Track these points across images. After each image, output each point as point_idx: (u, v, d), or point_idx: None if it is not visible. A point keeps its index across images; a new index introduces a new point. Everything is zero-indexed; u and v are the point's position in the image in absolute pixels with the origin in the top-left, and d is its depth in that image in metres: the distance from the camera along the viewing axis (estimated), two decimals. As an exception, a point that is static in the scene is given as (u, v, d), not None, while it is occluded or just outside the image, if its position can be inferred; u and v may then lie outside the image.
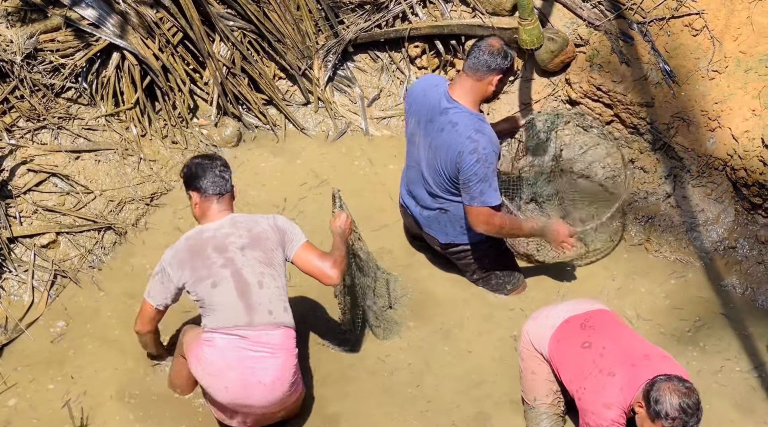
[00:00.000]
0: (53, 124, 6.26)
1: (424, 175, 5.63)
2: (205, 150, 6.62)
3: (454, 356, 5.65)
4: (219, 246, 4.91)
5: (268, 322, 4.89)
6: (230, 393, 4.88)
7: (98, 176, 6.24)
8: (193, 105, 6.74)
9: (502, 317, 5.86)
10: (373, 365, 5.60)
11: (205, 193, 4.98)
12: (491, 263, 5.90)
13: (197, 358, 4.92)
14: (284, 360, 4.91)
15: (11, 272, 5.74)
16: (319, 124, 6.92)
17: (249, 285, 4.89)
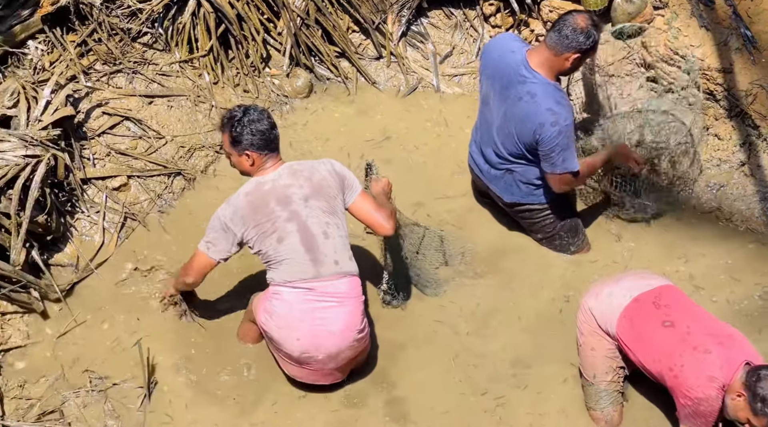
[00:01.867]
0: (128, 68, 6.34)
1: (494, 137, 5.61)
2: (277, 100, 6.65)
3: (508, 315, 5.65)
4: (281, 199, 4.89)
5: (335, 272, 4.92)
6: (302, 344, 4.93)
7: (170, 122, 6.31)
8: (266, 55, 6.76)
9: (560, 277, 5.84)
10: (428, 319, 5.64)
11: (259, 149, 4.92)
12: (556, 223, 5.87)
13: (268, 312, 4.97)
14: (352, 308, 4.96)
15: (83, 213, 5.84)
16: (390, 78, 6.90)
17: (315, 237, 4.90)
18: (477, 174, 5.90)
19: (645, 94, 6.49)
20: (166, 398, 5.21)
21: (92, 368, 5.26)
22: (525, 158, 5.56)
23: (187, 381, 5.29)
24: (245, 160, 4.93)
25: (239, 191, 4.93)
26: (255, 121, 4.88)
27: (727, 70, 6.15)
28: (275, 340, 5.01)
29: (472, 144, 5.88)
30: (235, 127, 4.89)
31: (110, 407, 5.12)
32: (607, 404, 5.10)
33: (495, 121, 5.56)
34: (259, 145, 4.89)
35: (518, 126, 5.42)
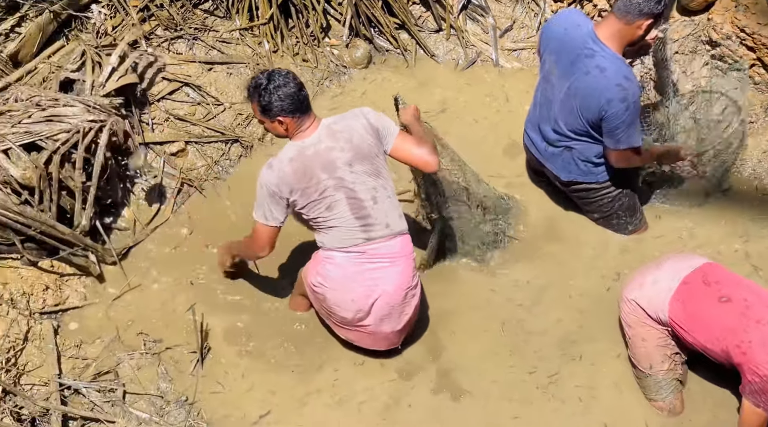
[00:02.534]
0: (189, 34, 6.37)
1: (555, 114, 5.54)
2: (336, 70, 6.64)
3: (560, 291, 5.64)
4: (326, 165, 4.82)
5: (386, 234, 4.93)
6: (356, 304, 4.97)
7: (229, 89, 6.33)
8: (326, 24, 6.75)
9: (614, 257, 5.79)
10: (482, 288, 5.65)
11: (290, 113, 4.81)
12: (614, 203, 5.80)
13: (321, 275, 4.98)
14: (404, 267, 4.97)
15: (141, 178, 5.89)
16: (449, 51, 6.86)
17: (364, 203, 4.88)
18: (533, 153, 5.84)
19: (709, 72, 6.39)
20: (219, 364, 5.26)
21: (146, 331, 5.32)
22: (587, 135, 5.48)
23: (240, 349, 5.33)
24: (279, 126, 4.84)
25: (281, 156, 4.83)
26: (281, 86, 4.76)
27: (795, 50, 6.04)
28: (329, 303, 5.03)
29: (528, 122, 5.82)
30: (263, 96, 4.78)
31: (163, 370, 5.17)
32: (668, 393, 5.05)
33: (557, 97, 5.50)
34: (290, 109, 4.77)
35: (584, 101, 5.34)
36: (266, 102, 4.76)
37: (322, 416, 5.10)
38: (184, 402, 5.03)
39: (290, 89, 4.75)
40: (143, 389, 5.05)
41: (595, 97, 5.27)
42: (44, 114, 5.41)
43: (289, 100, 4.74)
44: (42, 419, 4.73)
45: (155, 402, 5.01)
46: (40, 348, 5.03)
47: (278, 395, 5.17)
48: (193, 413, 5.00)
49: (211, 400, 5.10)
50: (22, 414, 4.70)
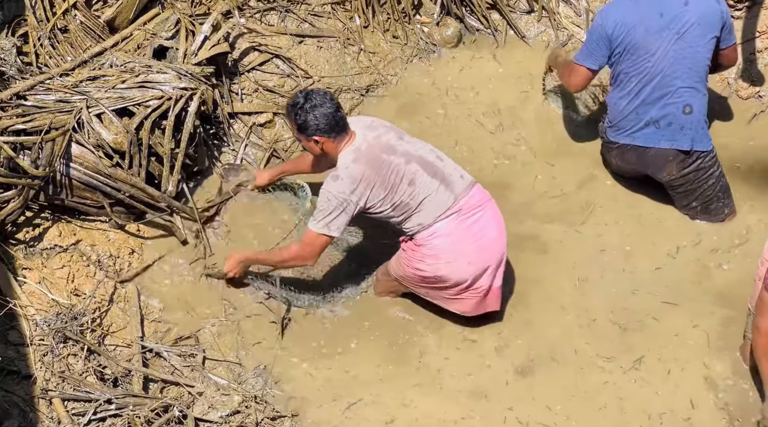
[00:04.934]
0: (282, 6, 6.41)
1: (673, 78, 5.54)
2: (425, 48, 6.62)
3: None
4: (386, 148, 4.99)
5: (465, 185, 5.07)
6: (474, 264, 5.08)
7: (318, 62, 6.36)
8: (417, 1, 6.73)
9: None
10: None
11: (326, 133, 4.95)
12: (720, 177, 5.75)
13: (430, 256, 5.06)
14: (493, 206, 5.17)
15: (229, 147, 5.96)
16: (540, 33, 6.81)
17: (434, 164, 5.04)
18: (649, 144, 5.68)
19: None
20: (299, 337, 5.32)
21: (226, 298, 5.39)
22: (708, 71, 5.62)
23: (321, 326, 5.40)
24: (315, 145, 5.00)
25: (342, 166, 4.95)
26: (318, 106, 4.92)
27: None
28: (444, 277, 5.10)
29: (632, 121, 5.68)
30: (299, 115, 4.95)
31: (242, 338, 5.25)
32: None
33: (667, 59, 5.51)
34: (325, 129, 4.93)
35: (705, 23, 5.49)
36: (302, 121, 4.95)
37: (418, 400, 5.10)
38: (262, 370, 5.10)
39: (327, 109, 4.92)
40: (222, 355, 5.13)
41: (711, 9, 5.49)
42: (137, 80, 5.50)
43: (325, 119, 4.91)
44: (124, 380, 4.83)
45: (234, 369, 5.09)
46: (125, 311, 5.14)
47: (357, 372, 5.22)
48: (271, 381, 5.07)
49: (288, 370, 5.16)
50: (105, 373, 4.81)
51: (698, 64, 5.54)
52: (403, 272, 5.22)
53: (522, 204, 5.95)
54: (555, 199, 5.99)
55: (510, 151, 6.22)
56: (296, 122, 4.99)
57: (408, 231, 5.10)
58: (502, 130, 6.30)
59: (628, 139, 5.72)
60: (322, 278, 5.58)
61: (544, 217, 5.91)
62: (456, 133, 6.28)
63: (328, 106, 4.94)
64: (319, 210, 4.98)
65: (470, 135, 6.27)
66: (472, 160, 6.09)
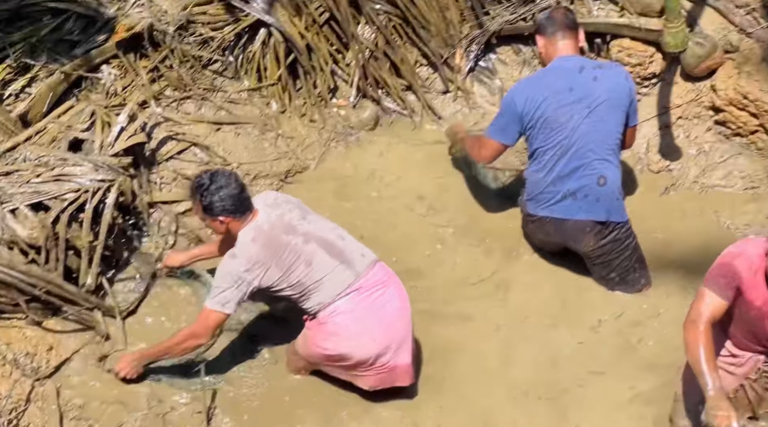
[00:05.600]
0: (198, 95, 6.44)
1: (589, 149, 5.63)
2: (343, 131, 6.69)
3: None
4: (287, 229, 5.02)
5: (367, 264, 5.09)
6: (378, 340, 5.07)
7: (236, 149, 6.38)
8: (334, 85, 6.82)
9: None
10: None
11: (232, 213, 5.01)
12: (636, 248, 5.84)
13: (332, 334, 5.06)
14: (396, 283, 5.20)
15: (149, 236, 5.93)
16: (456, 113, 6.91)
17: (334, 243, 5.07)
18: (566, 216, 5.75)
19: (713, 137, 6.44)
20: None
21: (151, 391, 5.31)
22: (618, 152, 5.75)
23: (247, 411, 5.34)
24: (219, 225, 5.06)
25: (241, 244, 4.99)
26: (223, 187, 4.97)
27: (798, 116, 6.09)
28: (348, 355, 5.09)
29: (549, 188, 5.75)
30: (205, 196, 5.00)
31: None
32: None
33: (579, 132, 5.60)
34: (231, 209, 4.99)
35: (613, 96, 5.63)
36: (208, 202, 4.99)
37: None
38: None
39: (232, 190, 4.98)
40: (146, 450, 5.06)
41: (617, 80, 5.66)
42: (52, 174, 5.48)
43: (231, 200, 4.97)
44: (44, 481, 4.73)
45: (160, 465, 5.01)
46: (43, 409, 5.03)
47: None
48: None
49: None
50: (24, 476, 4.71)
51: (610, 138, 5.67)
52: (309, 351, 5.22)
53: (448, 283, 5.98)
54: (480, 277, 6.02)
55: (441, 234, 6.24)
56: (202, 204, 5.02)
57: (310, 310, 5.11)
58: (434, 213, 6.35)
59: (547, 212, 5.81)
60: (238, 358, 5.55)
61: (469, 296, 5.93)
62: (391, 216, 6.32)
63: (233, 186, 4.98)
64: (215, 287, 5.01)
65: (405, 219, 6.31)
66: (408, 247, 6.10)
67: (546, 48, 5.76)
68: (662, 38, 6.06)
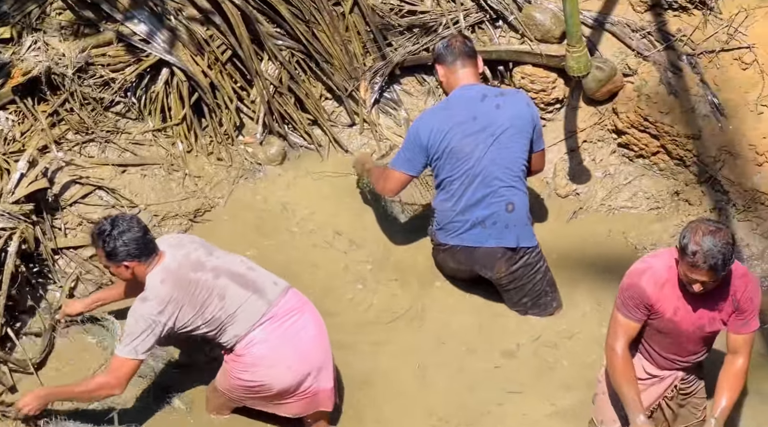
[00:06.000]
0: (101, 137, 6.33)
1: (492, 178, 5.66)
2: (250, 168, 6.64)
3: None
4: (195, 266, 4.96)
5: (279, 292, 5.06)
6: (294, 368, 5.02)
7: (143, 190, 6.29)
8: (240, 123, 6.77)
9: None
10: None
11: (136, 258, 4.92)
12: (547, 271, 5.90)
13: (250, 364, 5.00)
14: (311, 309, 5.15)
15: (55, 283, 5.79)
16: (363, 145, 6.91)
17: (245, 275, 5.03)
18: (476, 243, 5.78)
19: (617, 159, 6.56)
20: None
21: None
22: (525, 174, 5.78)
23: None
24: (124, 271, 4.95)
25: (151, 287, 4.89)
26: (126, 232, 4.87)
27: (696, 137, 6.23)
28: (267, 385, 5.03)
29: (458, 217, 5.76)
30: (107, 242, 4.89)
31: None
32: None
33: (485, 158, 5.64)
34: (135, 253, 4.90)
35: (517, 125, 5.67)
36: (111, 248, 4.88)
37: None
38: None
39: (135, 234, 4.89)
40: None
41: (522, 111, 5.71)
42: (-49, 224, 5.33)
43: (135, 244, 4.88)
44: None
45: None
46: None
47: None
48: None
49: None
50: None
51: (515, 165, 5.72)
52: (228, 385, 5.15)
53: (367, 317, 5.98)
54: (395, 313, 6.01)
55: (361, 272, 6.22)
56: (104, 250, 4.90)
57: (226, 344, 5.04)
58: (354, 248, 6.33)
59: (457, 241, 5.83)
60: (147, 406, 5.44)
61: (385, 326, 5.93)
62: (314, 253, 6.28)
63: (136, 230, 4.89)
64: (127, 334, 4.89)
65: (326, 256, 6.27)
66: (331, 289, 6.07)
67: (447, 77, 5.80)
68: (565, 63, 6.16)
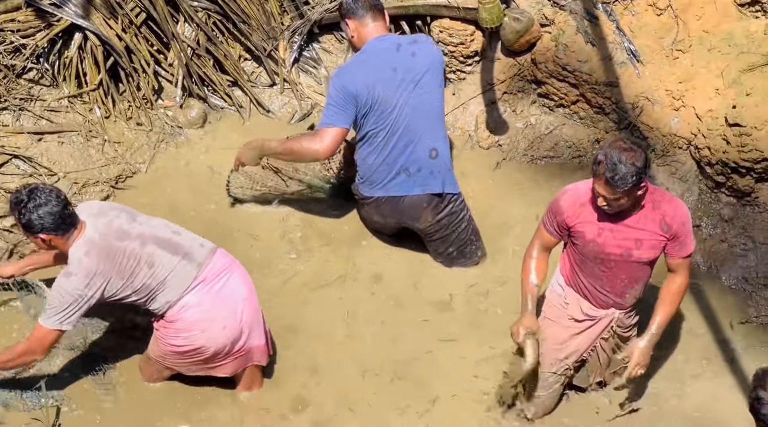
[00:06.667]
0: (15, 105, 6.18)
1: (415, 126, 5.67)
2: (171, 131, 6.56)
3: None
4: (120, 235, 4.84)
5: (206, 253, 5.00)
6: (229, 328, 5.00)
7: (62, 158, 6.16)
8: (158, 86, 6.68)
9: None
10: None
11: (53, 231, 4.76)
12: (471, 220, 5.95)
13: (184, 329, 4.96)
14: (239, 268, 5.12)
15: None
16: (284, 105, 6.88)
17: (170, 239, 4.95)
18: (401, 193, 5.79)
19: (538, 110, 6.61)
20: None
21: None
22: (444, 119, 5.82)
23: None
24: (41, 243, 4.82)
25: (75, 261, 4.76)
26: (43, 205, 4.69)
27: (614, 84, 6.31)
28: (203, 348, 5.00)
29: (383, 174, 5.77)
30: (23, 214, 4.72)
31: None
32: (545, 393, 5.17)
33: (407, 109, 5.64)
34: (51, 227, 4.73)
35: (433, 70, 5.67)
36: (26, 220, 4.73)
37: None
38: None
39: (53, 207, 4.71)
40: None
41: (434, 55, 5.74)
42: None
43: (51, 218, 4.71)
44: None
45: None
46: None
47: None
48: None
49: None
50: None
51: (435, 109, 5.76)
52: (161, 352, 5.11)
53: (299, 279, 5.96)
54: (325, 268, 6.01)
55: (293, 238, 6.18)
56: (20, 221, 4.75)
57: (157, 311, 4.98)
58: (287, 215, 6.27)
59: (382, 192, 5.83)
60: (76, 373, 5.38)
61: (314, 285, 5.92)
62: (238, 220, 6.22)
63: (54, 204, 4.70)
64: (52, 307, 4.78)
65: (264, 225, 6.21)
66: (268, 261, 6.02)
67: (358, 31, 5.75)
68: (478, 14, 6.17)
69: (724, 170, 5.95)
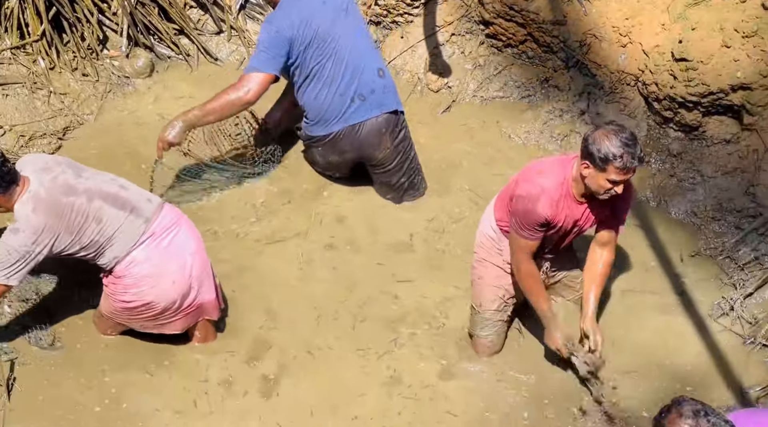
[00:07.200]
0: (-45, 58, 6.10)
1: (357, 52, 5.73)
2: (118, 82, 6.49)
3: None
4: (66, 190, 4.78)
5: (154, 208, 4.96)
6: (178, 282, 4.97)
7: (7, 111, 6.07)
8: (103, 36, 6.59)
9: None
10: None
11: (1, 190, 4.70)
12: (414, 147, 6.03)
13: (132, 285, 4.93)
14: (187, 222, 5.09)
15: None
16: (232, 53, 6.83)
17: (118, 194, 4.88)
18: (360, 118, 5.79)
19: (486, 50, 6.61)
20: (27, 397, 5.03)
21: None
22: None
23: (51, 376, 5.14)
24: None
25: (21, 215, 4.70)
26: None
27: (561, 22, 6.32)
28: (152, 303, 4.98)
29: (338, 105, 5.76)
30: None
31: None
32: (491, 332, 5.22)
33: (345, 37, 5.69)
34: None
35: None
36: None
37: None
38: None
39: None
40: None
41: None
42: None
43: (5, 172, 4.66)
44: None
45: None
46: None
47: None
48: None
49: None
50: None
51: (367, 33, 5.92)
52: (111, 308, 5.08)
53: (262, 233, 5.92)
54: (283, 215, 6.00)
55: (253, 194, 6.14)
56: None
57: (105, 266, 4.95)
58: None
59: (340, 124, 5.82)
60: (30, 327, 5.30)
61: (274, 234, 5.90)
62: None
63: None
64: (0, 262, 4.75)
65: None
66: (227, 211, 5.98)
67: None
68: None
69: (671, 105, 6.00)
